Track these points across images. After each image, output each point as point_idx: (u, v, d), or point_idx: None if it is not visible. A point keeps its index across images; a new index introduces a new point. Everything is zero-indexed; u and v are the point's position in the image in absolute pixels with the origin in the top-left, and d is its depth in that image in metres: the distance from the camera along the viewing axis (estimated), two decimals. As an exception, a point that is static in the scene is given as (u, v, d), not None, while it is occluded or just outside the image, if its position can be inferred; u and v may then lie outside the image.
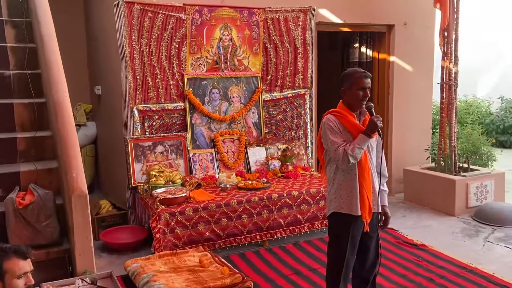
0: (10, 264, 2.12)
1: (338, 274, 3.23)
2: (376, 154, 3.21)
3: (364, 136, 3.02)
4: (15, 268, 2.13)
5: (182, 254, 4.29)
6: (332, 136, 3.10)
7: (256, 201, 4.71)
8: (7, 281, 2.11)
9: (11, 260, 2.13)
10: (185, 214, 4.43)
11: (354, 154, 3.01)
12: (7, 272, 2.11)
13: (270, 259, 4.47)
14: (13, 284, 2.12)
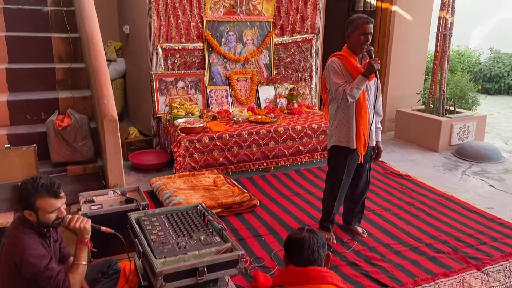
0: (42, 202, 2.03)
1: (334, 197, 3.32)
2: (373, 95, 3.18)
3: (362, 77, 2.97)
4: (47, 206, 2.04)
5: (199, 175, 4.40)
6: (335, 77, 3.05)
7: (264, 133, 4.74)
8: (40, 215, 2.06)
9: (43, 198, 2.03)
10: (202, 141, 4.48)
11: (352, 94, 2.98)
12: (39, 209, 2.04)
13: (274, 183, 4.56)
14: (46, 218, 2.08)
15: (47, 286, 2.03)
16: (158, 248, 2.35)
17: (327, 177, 3.40)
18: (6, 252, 2.04)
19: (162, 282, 2.17)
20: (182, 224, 2.63)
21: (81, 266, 2.18)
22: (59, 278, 2.05)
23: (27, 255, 1.97)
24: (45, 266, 2.01)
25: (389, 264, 3.05)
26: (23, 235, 2.02)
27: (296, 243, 1.78)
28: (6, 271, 2.04)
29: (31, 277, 2.01)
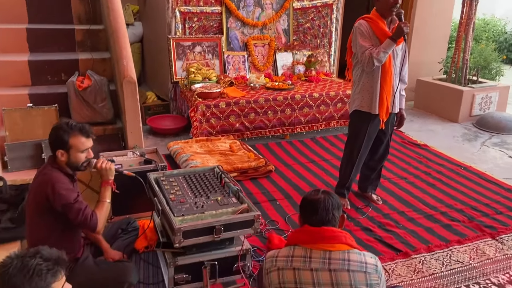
0: (75, 140, 2.15)
1: (352, 164, 3.32)
2: (400, 61, 3.11)
3: (390, 40, 2.90)
4: (79, 144, 2.17)
5: (215, 140, 4.43)
6: (362, 40, 2.99)
7: (281, 100, 4.72)
8: (71, 154, 2.18)
9: (76, 136, 2.16)
10: (218, 107, 4.49)
11: (379, 58, 2.92)
12: (72, 147, 2.15)
13: (289, 150, 4.58)
14: (77, 157, 2.19)
15: (75, 220, 2.12)
16: (176, 206, 2.41)
17: (346, 143, 3.40)
18: (38, 188, 2.14)
19: (181, 238, 2.24)
20: (199, 185, 2.68)
21: (106, 204, 2.28)
22: (87, 212, 2.15)
23: (58, 187, 2.09)
24: (74, 198, 2.12)
25: (402, 231, 3.08)
26: (52, 172, 2.14)
27: (311, 203, 1.80)
28: (38, 207, 2.14)
29: (61, 209, 2.10)
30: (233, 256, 2.48)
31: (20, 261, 1.38)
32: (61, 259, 1.46)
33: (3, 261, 1.38)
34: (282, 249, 1.83)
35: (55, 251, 1.47)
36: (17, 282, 1.35)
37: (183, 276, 2.41)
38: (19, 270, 1.36)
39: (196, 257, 2.41)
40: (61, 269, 1.45)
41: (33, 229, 2.21)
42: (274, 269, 1.78)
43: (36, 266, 1.38)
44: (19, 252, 1.42)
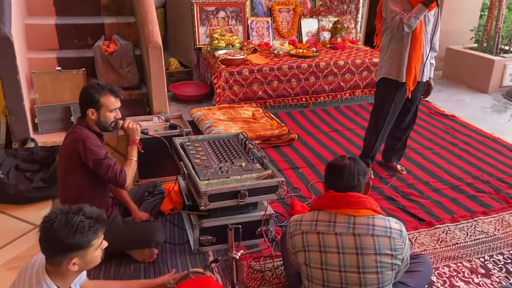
0: (105, 99, 2.22)
1: (377, 133, 3.29)
2: (431, 28, 3.00)
3: (422, 6, 2.80)
4: (109, 103, 2.23)
5: (238, 108, 4.44)
6: (393, 5, 2.90)
7: (305, 67, 4.65)
8: (101, 113, 2.25)
9: (107, 96, 2.23)
10: (242, 74, 4.47)
11: (410, 23, 2.83)
12: (102, 105, 2.22)
13: (312, 118, 4.55)
14: (106, 116, 2.26)
15: (105, 175, 2.20)
16: (202, 171, 2.46)
17: (372, 112, 3.35)
18: (68, 146, 2.21)
19: (206, 201, 2.29)
20: (224, 151, 2.72)
21: (133, 162, 2.36)
22: (116, 168, 2.24)
23: (88, 144, 2.16)
24: (104, 154, 2.20)
25: (427, 201, 3.07)
26: (83, 130, 2.22)
27: (337, 169, 1.80)
28: (69, 165, 2.22)
29: (92, 165, 2.18)
30: (256, 220, 2.54)
31: (64, 217, 1.45)
32: (101, 217, 1.53)
33: (48, 216, 1.46)
34: (306, 214, 1.86)
35: (95, 209, 1.53)
36: (61, 237, 1.42)
37: (207, 238, 2.49)
38: (64, 226, 1.43)
39: (220, 220, 2.48)
40: (101, 227, 1.52)
41: (65, 188, 2.30)
42: (298, 232, 1.81)
43: (79, 222, 1.45)
44: (63, 208, 1.49)
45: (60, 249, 1.44)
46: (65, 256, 1.46)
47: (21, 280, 1.52)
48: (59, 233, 1.42)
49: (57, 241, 1.42)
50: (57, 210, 1.48)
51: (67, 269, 1.48)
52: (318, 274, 1.75)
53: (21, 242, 2.49)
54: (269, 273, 2.36)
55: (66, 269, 1.49)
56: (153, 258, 2.44)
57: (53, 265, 1.49)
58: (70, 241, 1.43)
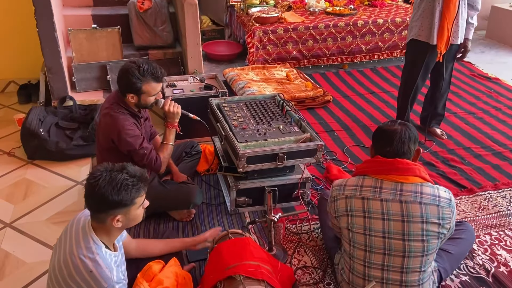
0: (147, 87, 2.13)
1: (407, 97, 3.19)
2: None
3: None
4: (151, 90, 2.15)
5: (271, 68, 4.33)
6: None
7: (342, 26, 4.46)
8: (142, 98, 2.17)
9: (149, 83, 2.13)
10: (276, 33, 4.33)
11: None
12: (144, 93, 2.15)
13: (348, 80, 4.41)
14: (147, 100, 2.19)
15: (140, 163, 2.20)
16: (239, 133, 2.43)
17: (402, 74, 3.24)
18: (104, 130, 2.21)
19: (245, 164, 2.27)
20: (260, 113, 2.67)
21: (169, 146, 2.34)
22: (151, 156, 2.22)
23: (124, 135, 2.13)
24: (139, 145, 2.18)
25: (468, 167, 2.96)
26: (119, 115, 2.16)
27: (387, 134, 1.73)
28: (105, 145, 2.24)
29: (127, 153, 2.19)
30: (293, 183, 2.52)
31: (109, 174, 1.47)
32: (143, 176, 1.54)
33: (93, 173, 1.47)
34: (351, 178, 1.81)
35: (138, 168, 1.54)
36: (106, 193, 1.44)
37: (244, 199, 2.49)
38: (108, 182, 1.45)
39: (257, 182, 2.47)
40: (143, 186, 1.53)
41: (103, 158, 2.31)
42: (342, 197, 1.78)
43: (124, 180, 1.46)
44: (107, 166, 1.50)
45: (105, 205, 1.47)
46: (109, 212, 1.49)
47: (68, 235, 1.56)
48: (103, 189, 1.44)
49: (101, 198, 1.45)
50: (101, 167, 1.50)
51: (111, 225, 1.52)
52: (361, 239, 1.73)
53: (64, 198, 2.57)
54: (306, 235, 2.36)
55: (110, 225, 1.52)
56: (190, 217, 2.48)
57: (98, 222, 1.53)
58: (114, 198, 1.45)
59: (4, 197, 2.55)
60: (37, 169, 2.82)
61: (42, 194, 2.58)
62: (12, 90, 3.87)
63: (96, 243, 1.51)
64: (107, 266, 1.48)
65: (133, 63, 2.13)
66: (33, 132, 2.81)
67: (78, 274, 1.45)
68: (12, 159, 2.92)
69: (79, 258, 1.46)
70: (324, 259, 2.19)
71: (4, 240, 2.23)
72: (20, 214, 2.41)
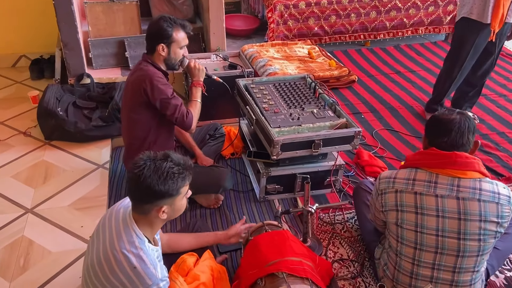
0: (177, 34, 2.11)
1: (452, 79, 3.02)
2: None
3: None
4: (180, 39, 2.13)
5: (292, 45, 4.15)
6: None
7: (366, 1, 4.24)
8: (172, 49, 2.12)
9: (179, 31, 2.11)
10: (298, 7, 4.12)
11: None
12: (173, 41, 2.11)
13: (371, 58, 4.24)
14: (176, 53, 2.14)
15: (172, 116, 2.10)
16: (271, 117, 2.30)
17: (448, 55, 3.05)
18: (134, 83, 2.10)
19: (279, 151, 2.16)
20: (291, 95, 2.53)
21: (198, 103, 2.26)
22: (183, 109, 2.14)
23: (156, 81, 2.06)
24: (171, 93, 2.10)
25: (504, 153, 2.84)
26: (149, 67, 2.11)
27: (444, 124, 1.60)
28: (135, 103, 2.12)
29: (159, 104, 2.08)
30: (325, 170, 2.41)
31: (153, 163, 1.38)
32: (188, 164, 1.45)
33: (136, 162, 1.39)
34: (401, 171, 1.70)
35: (181, 156, 1.45)
36: (152, 183, 1.35)
37: (275, 187, 2.39)
38: (154, 172, 1.36)
39: (288, 169, 2.36)
40: (188, 174, 1.44)
41: (130, 127, 2.21)
42: (391, 190, 1.67)
43: (169, 169, 1.38)
44: (149, 155, 1.41)
45: (151, 196, 1.39)
46: (155, 203, 1.41)
47: (107, 227, 1.46)
48: (149, 179, 1.35)
49: (148, 188, 1.36)
50: (144, 156, 1.41)
51: (156, 217, 1.44)
52: (411, 236, 1.63)
53: (86, 182, 2.46)
54: (340, 225, 2.26)
55: (154, 217, 1.44)
56: (218, 204, 2.39)
57: (141, 214, 1.44)
58: (161, 188, 1.37)
59: (23, 180, 2.45)
60: (56, 151, 2.70)
61: (62, 178, 2.48)
62: (24, 65, 3.72)
63: (139, 237, 1.42)
64: (151, 262, 1.39)
65: (163, 15, 2.13)
66: (50, 111, 2.68)
67: (121, 270, 1.36)
68: (29, 139, 2.81)
69: (122, 253, 1.37)
70: (361, 252, 2.10)
71: (27, 226, 2.14)
72: (41, 199, 2.31)
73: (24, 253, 1.99)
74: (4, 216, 2.19)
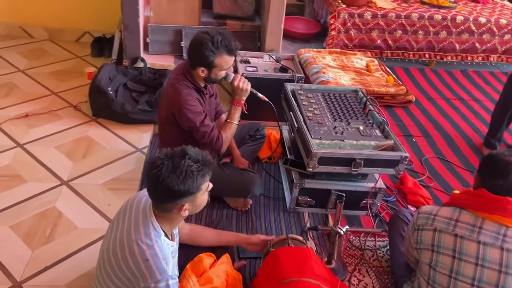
0: (220, 60, 1.99)
1: (504, 113, 2.82)
2: None
3: None
4: (223, 64, 2.01)
5: (350, 55, 4.02)
6: None
7: (438, 19, 4.02)
8: (213, 72, 2.03)
9: (222, 57, 1.99)
10: (363, 17, 3.98)
11: None
12: (216, 66, 2.01)
13: (434, 80, 4.02)
14: (218, 74, 2.05)
15: (201, 140, 2.08)
16: (314, 127, 2.21)
17: (505, 86, 2.86)
18: (166, 101, 2.09)
19: (316, 164, 2.07)
20: (339, 108, 2.43)
21: (233, 125, 2.18)
22: (213, 134, 2.08)
23: (185, 110, 2.00)
24: (201, 122, 2.04)
25: None
26: (183, 88, 2.02)
27: (501, 164, 1.44)
28: (166, 117, 2.12)
29: (188, 129, 2.07)
30: (363, 191, 2.29)
31: (171, 162, 1.34)
32: (207, 159, 1.40)
33: (154, 162, 1.35)
34: (443, 208, 1.56)
35: (199, 151, 1.41)
36: (171, 183, 1.32)
37: (307, 199, 2.30)
38: (172, 172, 1.32)
39: (324, 183, 2.27)
40: (208, 170, 1.40)
41: (163, 131, 2.23)
42: (430, 228, 1.54)
43: (188, 167, 1.34)
44: (167, 153, 1.38)
45: (171, 196, 1.36)
46: (176, 202, 1.38)
47: (127, 215, 1.45)
48: (168, 179, 1.32)
49: (167, 189, 1.33)
50: (162, 155, 1.36)
51: (177, 214, 1.41)
52: (444, 280, 1.49)
53: (122, 163, 2.50)
54: (370, 252, 2.14)
55: (176, 214, 1.42)
56: (246, 207, 2.34)
57: (162, 212, 1.41)
58: (180, 187, 1.33)
59: (65, 152, 2.53)
60: (100, 128, 2.77)
61: (101, 156, 2.53)
62: (86, 41, 3.86)
63: (156, 230, 1.40)
64: (164, 257, 1.37)
65: (207, 34, 1.97)
66: (101, 89, 2.75)
67: (133, 259, 1.35)
68: (78, 113, 2.90)
69: (137, 243, 1.36)
70: (388, 285, 1.97)
71: (60, 198, 2.20)
72: (78, 173, 2.37)
73: (51, 224, 2.04)
74: (40, 185, 2.26)
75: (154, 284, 1.34)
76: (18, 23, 3.84)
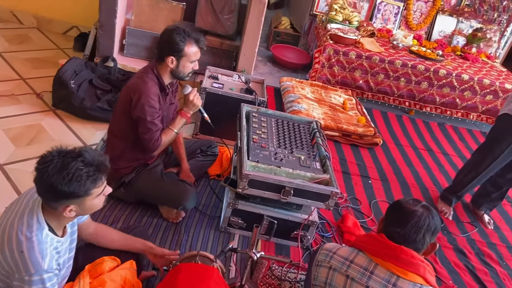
0: (189, 49, 2.05)
1: (476, 174, 2.76)
2: None
3: None
4: (191, 54, 2.07)
5: (331, 91, 4.05)
6: None
7: (421, 69, 4.06)
8: (181, 62, 2.08)
9: (191, 45, 2.06)
10: (348, 55, 4.03)
11: None
12: (185, 55, 2.05)
13: (408, 127, 4.02)
14: (185, 67, 2.10)
15: (141, 135, 2.09)
16: (255, 150, 2.20)
17: (480, 147, 2.80)
18: (129, 88, 2.11)
19: (245, 185, 2.05)
20: (288, 135, 2.42)
21: (173, 133, 2.20)
22: (155, 134, 2.10)
23: (144, 100, 2.02)
24: (152, 118, 2.06)
25: (504, 270, 2.52)
26: (149, 80, 2.07)
27: (403, 212, 1.42)
28: (123, 105, 2.12)
29: (135, 118, 2.07)
30: (296, 222, 2.26)
31: (61, 161, 1.29)
32: (103, 165, 1.36)
33: (44, 157, 1.31)
34: (344, 248, 1.53)
35: (98, 155, 1.36)
36: (55, 183, 1.28)
37: (238, 221, 2.27)
38: (59, 171, 1.28)
39: (257, 207, 2.24)
40: (102, 176, 1.36)
41: (116, 120, 2.21)
42: (326, 265, 1.51)
43: (76, 170, 1.29)
44: (61, 150, 1.33)
45: (54, 195, 1.31)
46: (60, 202, 1.34)
47: (19, 203, 1.43)
48: (53, 178, 1.27)
49: (50, 187, 1.28)
50: (55, 151, 1.32)
51: (62, 214, 1.37)
52: (330, 321, 1.44)
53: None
54: (288, 284, 2.09)
55: (61, 213, 1.37)
56: (178, 219, 2.31)
57: (48, 207, 1.38)
58: (64, 188, 1.28)
59: (11, 136, 2.53)
60: (55, 119, 2.78)
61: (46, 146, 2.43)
62: (73, 35, 3.92)
63: (40, 223, 1.36)
64: (40, 251, 1.33)
65: (177, 27, 2.07)
66: (63, 81, 2.77)
67: (9, 249, 1.32)
68: (38, 101, 2.92)
69: (16, 233, 1.33)
70: (294, 320, 1.92)
71: (-11, 179, 2.18)
72: (16, 159, 2.37)
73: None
74: (-25, 162, 2.26)
75: (28, 277, 1.31)
76: (9, 7, 3.92)
